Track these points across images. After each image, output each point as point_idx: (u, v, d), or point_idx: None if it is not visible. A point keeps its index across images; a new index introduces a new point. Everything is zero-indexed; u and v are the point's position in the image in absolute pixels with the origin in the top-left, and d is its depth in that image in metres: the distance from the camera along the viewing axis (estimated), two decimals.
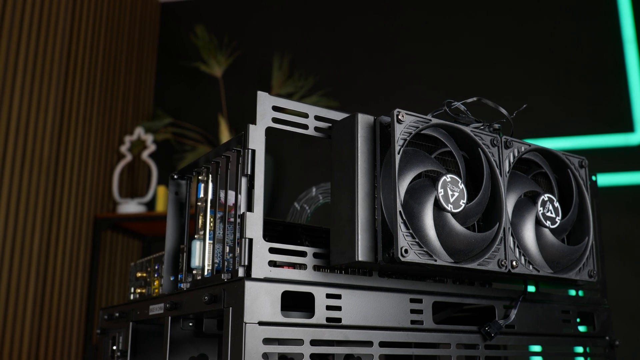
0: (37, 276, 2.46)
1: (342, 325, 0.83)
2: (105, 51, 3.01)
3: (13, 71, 2.40)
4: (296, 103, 0.89)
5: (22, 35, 2.46)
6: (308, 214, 1.25)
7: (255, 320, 0.76)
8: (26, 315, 2.39)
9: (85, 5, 2.86)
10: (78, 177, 2.75)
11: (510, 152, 0.95)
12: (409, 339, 0.88)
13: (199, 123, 3.22)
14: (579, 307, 1.09)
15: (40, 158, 2.51)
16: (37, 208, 2.49)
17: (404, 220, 0.80)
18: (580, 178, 1.02)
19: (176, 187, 1.06)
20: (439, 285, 0.95)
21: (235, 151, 0.89)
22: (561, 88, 2.86)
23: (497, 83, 2.92)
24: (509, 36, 2.99)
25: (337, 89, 3.14)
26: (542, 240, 0.95)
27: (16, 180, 2.39)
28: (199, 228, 0.96)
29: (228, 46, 3.27)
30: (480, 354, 0.94)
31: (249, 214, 0.81)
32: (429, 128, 0.87)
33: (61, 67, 2.67)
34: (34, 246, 2.46)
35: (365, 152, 0.84)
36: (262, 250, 0.81)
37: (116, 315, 1.13)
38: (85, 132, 2.82)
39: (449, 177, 0.85)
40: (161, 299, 0.98)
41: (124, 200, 2.95)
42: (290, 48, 3.23)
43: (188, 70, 3.35)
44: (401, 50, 3.13)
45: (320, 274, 0.85)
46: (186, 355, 1.02)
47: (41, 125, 2.53)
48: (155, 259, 1.13)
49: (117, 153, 3.07)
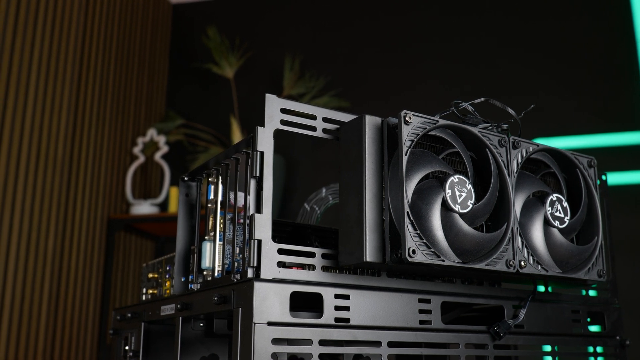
0: (51, 277, 2.48)
1: (351, 325, 0.83)
2: (118, 53, 3.04)
3: (27, 73, 2.43)
4: (304, 105, 0.89)
5: (36, 37, 2.48)
6: (318, 215, 1.25)
7: (264, 320, 0.77)
8: (41, 315, 2.42)
9: (98, 7, 2.88)
10: (92, 178, 2.77)
11: (519, 152, 0.95)
12: (418, 339, 0.88)
13: (211, 124, 3.23)
14: (589, 307, 1.09)
15: (54, 160, 2.54)
16: (52, 209, 2.51)
17: (412, 221, 0.80)
18: (589, 178, 1.01)
19: (187, 189, 1.07)
20: (448, 286, 0.95)
21: (244, 153, 0.90)
22: (572, 86, 2.85)
23: (508, 82, 2.91)
24: (520, 35, 2.98)
25: (348, 89, 3.14)
26: (550, 240, 0.95)
27: (31, 181, 2.41)
28: (209, 229, 0.97)
29: (239, 47, 3.29)
30: (489, 353, 0.94)
31: (257, 215, 0.82)
32: (437, 129, 0.88)
33: (74, 69, 2.70)
34: (49, 247, 2.48)
35: (372, 154, 0.85)
36: (271, 252, 0.82)
37: (128, 315, 1.15)
38: (99, 133, 2.84)
39: (457, 178, 0.85)
40: (172, 300, 0.99)
41: (137, 202, 2.98)
42: (301, 49, 3.23)
43: (200, 71, 3.37)
44: (412, 49, 3.13)
45: (329, 275, 0.85)
46: (197, 355, 1.03)
47: (55, 127, 2.56)
48: (166, 260, 1.14)
49: (130, 154, 3.09)
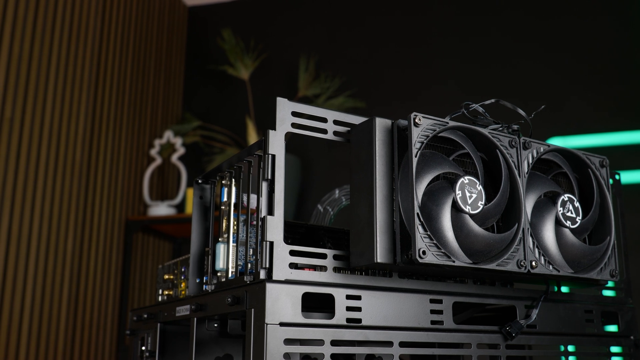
0: (71, 278, 2.52)
1: (362, 325, 0.84)
2: (135, 56, 3.07)
3: (45, 78, 2.46)
4: (315, 108, 0.90)
5: (54, 42, 2.52)
6: (331, 216, 1.26)
7: (276, 321, 0.78)
8: (61, 315, 2.45)
9: (115, 11, 2.92)
10: (109, 180, 2.80)
11: (529, 152, 0.95)
12: (429, 339, 0.89)
13: (227, 125, 3.25)
14: (603, 307, 1.09)
15: (72, 163, 2.57)
16: (70, 211, 2.55)
17: (422, 222, 0.81)
18: (601, 177, 1.01)
19: (201, 192, 1.09)
20: (459, 286, 0.96)
21: (256, 156, 0.92)
22: (589, 85, 2.83)
23: (524, 80, 2.90)
24: (536, 33, 2.96)
25: (363, 89, 3.15)
26: (562, 240, 0.95)
27: (49, 184, 2.45)
28: (222, 231, 0.98)
29: (254, 49, 3.30)
30: (501, 353, 0.94)
31: (269, 217, 0.83)
32: (447, 130, 0.88)
33: (92, 73, 2.73)
34: (68, 249, 2.52)
35: (383, 156, 0.85)
36: (283, 253, 0.83)
37: (145, 316, 1.16)
38: (116, 136, 2.87)
39: (467, 179, 0.86)
40: (187, 301, 1.01)
41: (155, 203, 3.00)
42: (316, 49, 3.24)
43: (215, 73, 3.39)
44: (428, 49, 3.12)
45: (341, 276, 0.86)
46: (212, 356, 1.05)
47: (73, 131, 2.59)
48: (181, 262, 1.16)
49: (147, 156, 3.12)
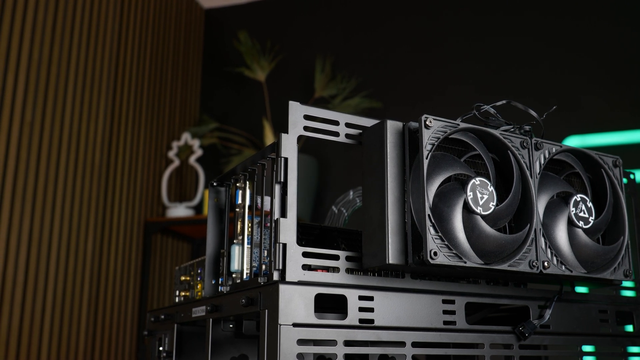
0: (91, 279, 2.55)
1: (375, 326, 0.85)
2: (152, 59, 3.10)
3: (65, 80, 2.50)
4: (327, 111, 0.91)
5: (73, 45, 2.55)
6: (345, 217, 1.27)
7: (289, 322, 0.79)
8: (81, 316, 2.48)
9: (132, 14, 2.95)
10: (128, 182, 2.84)
11: (541, 153, 0.95)
12: (442, 339, 0.89)
13: (244, 127, 3.27)
14: (618, 307, 1.08)
15: (92, 165, 2.61)
16: (90, 213, 2.58)
17: (433, 224, 0.82)
18: (615, 177, 1.01)
19: (216, 194, 1.10)
20: (471, 286, 0.96)
21: (270, 159, 0.93)
22: (606, 84, 2.80)
23: (541, 80, 2.88)
24: (552, 33, 2.95)
25: (379, 90, 3.15)
26: (575, 240, 0.95)
27: (69, 186, 2.48)
28: (237, 233, 1.00)
29: (270, 51, 3.32)
30: (514, 354, 0.95)
31: (282, 219, 0.84)
32: (458, 132, 0.89)
33: (110, 76, 2.76)
34: (88, 250, 2.55)
35: (394, 158, 0.86)
36: (296, 255, 0.84)
37: (162, 317, 1.18)
38: (135, 138, 2.91)
39: (478, 180, 0.86)
40: (203, 302, 1.02)
41: (173, 204, 3.03)
42: (332, 50, 3.25)
43: (232, 75, 3.41)
44: (444, 50, 3.12)
45: (353, 277, 0.87)
46: (227, 356, 1.06)
47: (92, 133, 2.63)
48: (198, 263, 1.17)
49: (165, 158, 3.15)
